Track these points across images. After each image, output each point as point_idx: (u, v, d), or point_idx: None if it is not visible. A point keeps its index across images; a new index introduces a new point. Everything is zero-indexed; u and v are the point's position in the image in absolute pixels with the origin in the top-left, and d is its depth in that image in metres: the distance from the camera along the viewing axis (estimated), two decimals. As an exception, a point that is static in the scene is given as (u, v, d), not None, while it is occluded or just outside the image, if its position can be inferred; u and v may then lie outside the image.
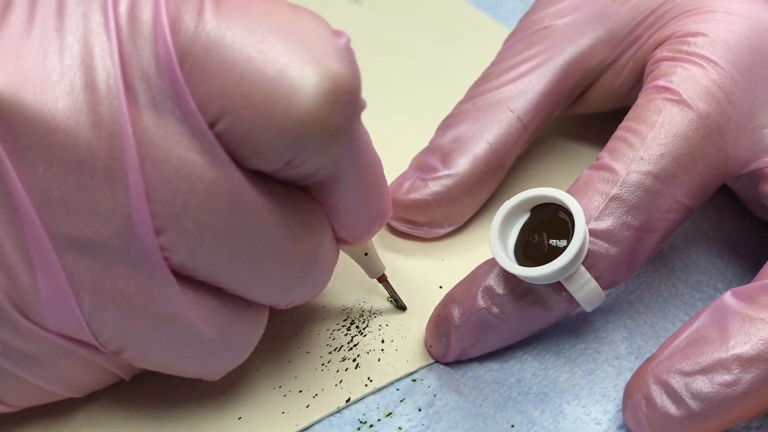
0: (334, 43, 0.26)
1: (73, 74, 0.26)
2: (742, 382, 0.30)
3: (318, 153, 0.26)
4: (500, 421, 0.34)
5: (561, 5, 0.43)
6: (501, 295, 0.34)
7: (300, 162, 0.27)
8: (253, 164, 0.27)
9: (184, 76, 0.26)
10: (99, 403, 0.33)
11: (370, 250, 0.36)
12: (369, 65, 0.52)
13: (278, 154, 0.26)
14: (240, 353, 0.31)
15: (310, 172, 0.28)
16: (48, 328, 0.28)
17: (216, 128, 0.26)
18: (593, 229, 0.33)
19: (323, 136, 0.26)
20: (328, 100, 0.26)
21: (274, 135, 0.26)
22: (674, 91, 0.35)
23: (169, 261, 0.27)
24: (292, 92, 0.25)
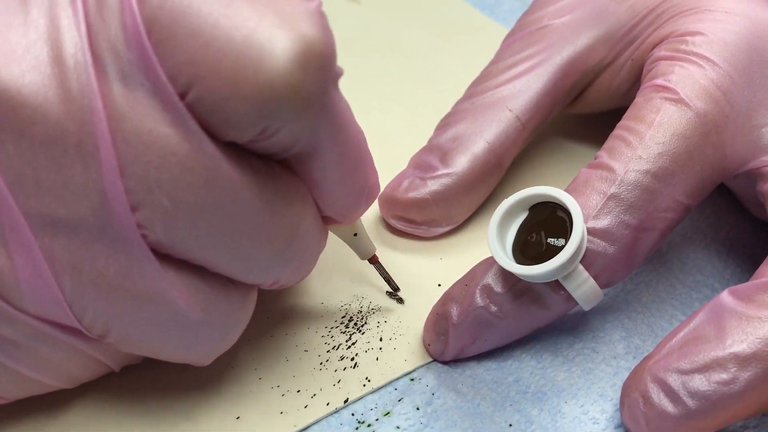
0: (304, 6, 0.26)
1: (39, 48, 0.25)
2: (739, 381, 0.30)
3: (292, 120, 0.26)
4: (498, 420, 0.34)
5: (559, 4, 0.43)
6: (499, 294, 0.34)
7: (274, 130, 0.26)
8: (227, 135, 0.26)
9: (153, 46, 0.25)
10: (93, 401, 0.33)
11: (360, 231, 0.35)
12: (367, 64, 0.52)
13: (250, 123, 0.25)
14: (226, 335, 0.31)
15: (286, 142, 0.27)
16: (29, 312, 0.28)
17: (187, 99, 0.25)
18: (591, 227, 0.33)
19: (295, 102, 0.25)
20: (299, 63, 0.25)
21: (244, 102, 0.25)
22: (672, 90, 0.35)
23: (146, 238, 0.27)
24: (260, 57, 0.24)
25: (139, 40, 0.25)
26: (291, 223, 0.29)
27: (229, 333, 0.31)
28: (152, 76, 0.25)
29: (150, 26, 0.25)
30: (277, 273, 0.30)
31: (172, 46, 0.25)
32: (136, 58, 0.25)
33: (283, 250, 0.29)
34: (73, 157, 0.25)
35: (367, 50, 0.53)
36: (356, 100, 0.48)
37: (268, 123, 0.26)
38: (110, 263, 0.27)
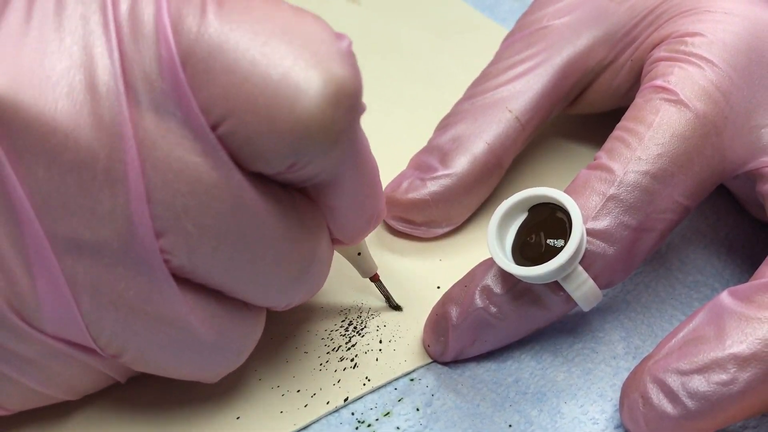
0: (336, 46, 0.26)
1: (72, 75, 0.25)
2: (738, 381, 0.30)
3: (320, 156, 0.26)
4: (498, 420, 0.34)
5: (559, 5, 0.43)
6: (499, 295, 0.34)
7: (302, 165, 0.27)
8: (256, 167, 0.27)
9: (187, 78, 0.25)
10: (95, 405, 0.33)
11: (363, 250, 0.36)
12: (367, 65, 0.51)
13: (281, 158, 0.26)
14: (238, 356, 0.31)
15: (311, 175, 0.28)
16: (46, 332, 0.28)
17: (218, 131, 0.26)
18: (591, 228, 0.33)
19: (326, 140, 0.26)
20: (332, 103, 0.26)
21: (277, 138, 0.26)
22: (671, 91, 0.35)
23: (169, 264, 0.27)
24: (296, 96, 0.25)
25: (173, 71, 0.25)
26: (309, 250, 0.30)
27: (241, 354, 0.31)
28: (185, 107, 0.26)
29: (185, 58, 0.25)
30: (292, 297, 0.31)
31: (207, 79, 0.25)
32: (170, 88, 0.26)
33: (300, 274, 0.30)
34: (102, 182, 0.26)
35: (366, 51, 0.53)
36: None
37: (299, 158, 0.26)
38: (131, 286, 0.27)
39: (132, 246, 0.26)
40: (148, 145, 0.26)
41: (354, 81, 0.26)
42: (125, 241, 0.26)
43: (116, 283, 0.27)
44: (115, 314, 0.28)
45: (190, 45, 0.25)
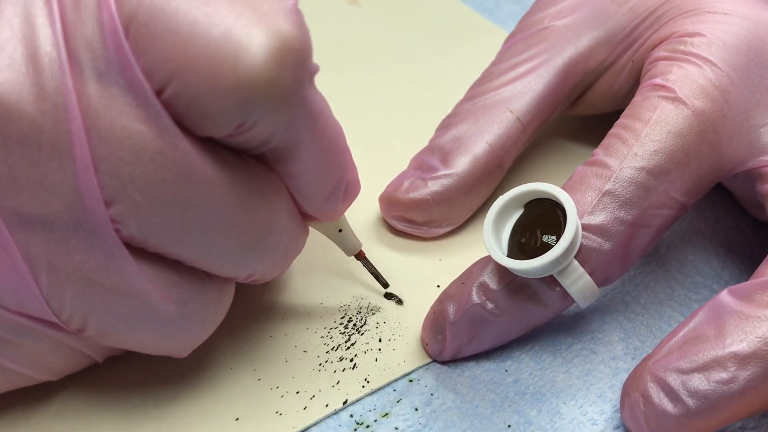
0: (281, 3, 0.26)
1: (13, 47, 0.25)
2: (738, 380, 0.30)
3: (268, 115, 0.26)
4: (497, 421, 0.34)
5: (560, 6, 0.43)
6: (495, 291, 0.34)
7: (250, 125, 0.26)
8: (204, 130, 0.26)
9: (129, 44, 0.25)
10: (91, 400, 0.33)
11: (344, 227, 0.36)
12: (367, 67, 0.52)
13: (227, 118, 0.26)
14: (202, 327, 0.31)
15: (262, 137, 0.27)
16: (7, 307, 0.28)
17: (163, 95, 0.26)
18: (586, 223, 0.33)
19: (272, 97, 0.26)
20: (276, 60, 0.25)
21: (221, 98, 0.25)
22: (670, 89, 0.35)
23: (120, 233, 0.27)
24: (238, 53, 0.25)
25: (116, 38, 0.25)
26: (265, 217, 0.29)
27: (205, 325, 0.31)
28: (128, 74, 0.25)
29: (127, 24, 0.25)
30: (251, 267, 0.30)
31: (149, 44, 0.25)
32: (113, 55, 0.25)
33: (256, 244, 0.29)
34: (48, 154, 0.26)
35: (367, 53, 0.53)
36: (357, 102, 0.49)
37: (245, 118, 0.26)
38: (86, 258, 0.27)
39: (82, 217, 0.26)
40: (93, 115, 0.25)
41: (299, 37, 0.26)
42: (75, 213, 0.26)
43: (71, 257, 0.27)
44: (73, 287, 0.27)
45: (132, 10, 0.25)
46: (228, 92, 0.25)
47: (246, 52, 0.25)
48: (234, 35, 0.25)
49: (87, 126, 0.25)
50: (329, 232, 0.36)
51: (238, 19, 0.25)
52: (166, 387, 0.34)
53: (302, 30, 0.26)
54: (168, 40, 0.25)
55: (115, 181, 0.26)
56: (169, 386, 0.34)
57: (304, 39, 0.26)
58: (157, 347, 0.31)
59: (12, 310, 0.28)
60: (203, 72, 0.25)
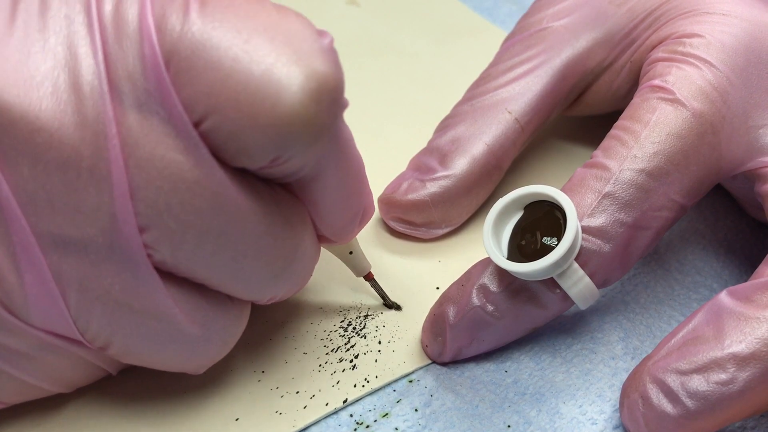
0: (319, 43, 0.27)
1: (56, 75, 0.26)
2: (738, 381, 0.30)
3: (303, 151, 0.27)
4: (497, 421, 0.34)
5: (558, 7, 0.43)
6: (495, 293, 0.34)
7: (285, 159, 0.27)
8: (238, 162, 0.27)
9: (170, 77, 0.26)
10: (90, 402, 0.33)
11: (355, 249, 0.36)
12: (366, 67, 0.52)
13: (264, 153, 0.26)
14: (222, 347, 0.31)
15: (293, 169, 0.28)
16: (35, 325, 0.28)
17: (201, 127, 0.26)
18: (586, 226, 0.33)
19: (308, 135, 0.26)
20: (314, 99, 0.26)
21: (259, 134, 0.26)
22: (669, 91, 0.35)
23: (152, 258, 0.27)
24: (278, 91, 0.25)
25: (157, 70, 0.26)
26: (292, 246, 0.30)
27: (225, 345, 0.32)
28: (168, 105, 0.26)
29: (168, 57, 0.26)
30: (274, 291, 0.31)
31: (190, 77, 0.26)
32: (153, 87, 0.26)
33: (283, 270, 0.30)
34: (86, 180, 0.26)
35: (366, 53, 0.53)
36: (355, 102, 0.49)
37: (281, 153, 0.27)
38: (116, 281, 0.28)
39: (116, 242, 0.27)
40: (131, 144, 0.26)
41: (335, 76, 0.27)
42: (110, 237, 0.27)
43: (102, 279, 0.27)
44: (102, 308, 0.28)
45: (173, 44, 0.26)
46: (266, 129, 0.26)
47: (285, 92, 0.25)
48: (274, 74, 0.26)
49: (126, 154, 0.26)
50: (340, 253, 0.36)
51: (279, 58, 0.26)
52: (168, 388, 0.34)
53: (337, 69, 0.27)
54: (209, 75, 0.25)
55: (150, 209, 0.26)
56: (171, 388, 0.34)
57: (339, 78, 0.27)
58: (177, 366, 0.31)
59: (39, 328, 0.28)
60: (243, 108, 0.25)
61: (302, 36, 0.26)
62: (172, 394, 0.34)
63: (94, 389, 0.34)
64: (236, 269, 0.29)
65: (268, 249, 0.29)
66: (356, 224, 0.33)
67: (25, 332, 0.28)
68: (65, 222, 0.26)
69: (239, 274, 0.29)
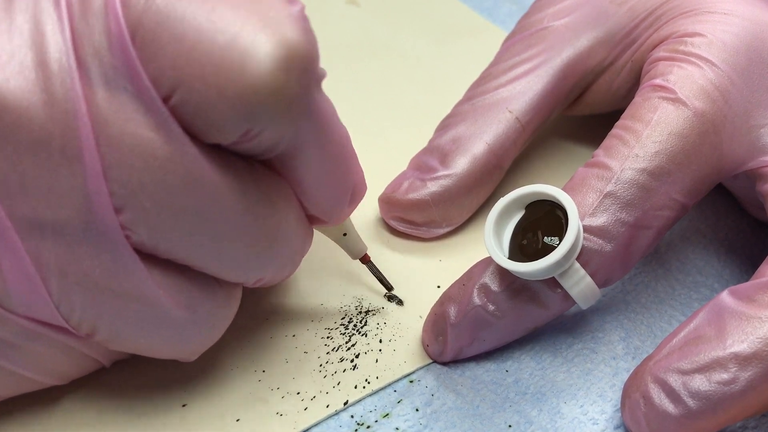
0: (287, 10, 0.26)
1: (23, 53, 0.25)
2: (739, 381, 0.30)
3: (274, 122, 0.26)
4: (498, 421, 0.34)
5: (559, 6, 0.43)
6: (496, 293, 0.34)
7: (256, 132, 0.26)
8: (210, 137, 0.26)
9: (136, 51, 0.25)
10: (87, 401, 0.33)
11: (349, 230, 0.36)
12: (366, 67, 0.52)
13: (233, 125, 0.26)
14: (211, 332, 0.31)
15: (269, 144, 0.27)
16: (18, 313, 0.28)
17: (170, 102, 0.26)
18: (587, 225, 0.33)
19: (278, 105, 0.25)
20: (282, 67, 0.25)
21: (227, 105, 0.25)
22: (670, 90, 0.35)
23: (130, 240, 0.27)
24: (243, 60, 0.25)
25: (122, 45, 0.25)
26: (274, 224, 0.29)
27: (214, 330, 0.31)
28: (135, 80, 0.25)
29: (134, 31, 0.25)
30: (260, 272, 0.30)
31: (155, 51, 0.25)
32: (120, 62, 0.25)
33: (265, 250, 0.29)
34: (58, 161, 0.26)
35: (366, 53, 0.53)
36: (356, 102, 0.49)
37: (252, 125, 0.26)
38: (96, 264, 0.27)
39: (93, 224, 0.26)
40: (101, 122, 0.25)
41: (306, 44, 0.26)
42: (85, 219, 0.26)
43: (81, 262, 0.27)
44: (84, 293, 0.28)
45: (138, 17, 0.25)
46: (234, 100, 0.25)
47: (252, 60, 0.25)
48: (239, 43, 0.25)
49: (96, 133, 0.25)
50: (334, 235, 0.36)
51: (244, 27, 0.25)
52: (168, 388, 0.34)
53: (309, 36, 0.26)
54: (174, 48, 0.25)
55: (124, 188, 0.26)
56: (171, 388, 0.34)
57: (311, 45, 0.26)
58: (167, 352, 0.31)
59: (22, 315, 0.28)
60: (209, 80, 0.25)
61: (269, 3, 0.26)
62: (172, 394, 0.34)
63: (92, 388, 0.34)
64: (216, 249, 0.28)
65: (248, 228, 0.28)
66: (346, 203, 0.32)
67: (9, 320, 0.28)
68: (40, 205, 0.26)
69: (220, 254, 0.28)
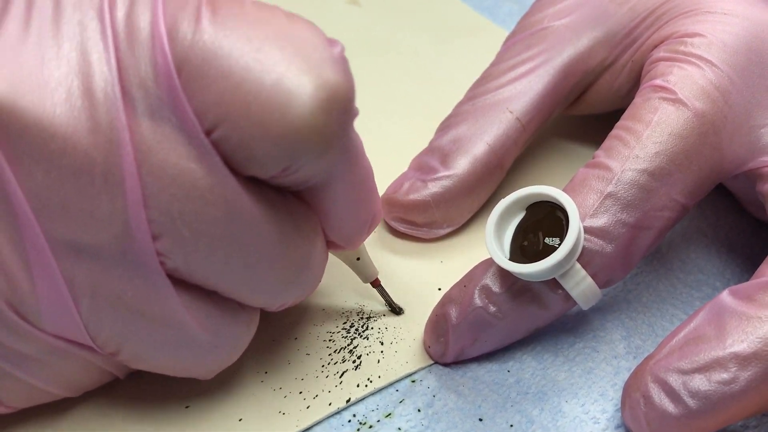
0: (329, 52, 0.27)
1: (70, 81, 0.26)
2: (739, 380, 0.30)
3: (313, 161, 0.27)
4: (499, 421, 0.34)
5: (560, 6, 0.43)
6: (498, 294, 0.34)
7: (296, 169, 0.27)
8: (249, 171, 0.27)
9: (182, 84, 0.26)
10: (95, 402, 0.34)
11: (363, 255, 0.36)
12: (367, 67, 0.52)
13: (275, 162, 0.26)
14: (231, 353, 0.32)
15: (304, 178, 0.28)
16: (45, 330, 0.28)
17: (213, 136, 0.26)
18: (588, 226, 0.33)
19: (319, 145, 0.26)
20: (324, 109, 0.26)
21: (270, 143, 0.26)
22: (670, 90, 0.35)
23: (164, 266, 0.28)
24: (289, 101, 0.25)
25: (168, 78, 0.26)
26: (303, 253, 0.30)
27: (234, 351, 0.32)
28: (180, 113, 0.26)
29: (180, 65, 0.26)
30: (285, 298, 0.31)
31: (201, 85, 0.26)
32: (165, 94, 0.26)
33: (294, 277, 0.30)
34: (100, 187, 0.26)
35: (367, 52, 0.53)
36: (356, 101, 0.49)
37: (292, 162, 0.27)
38: (128, 288, 0.28)
39: (129, 249, 0.27)
40: (144, 151, 0.26)
41: (346, 86, 0.26)
42: (123, 244, 0.27)
43: (114, 285, 0.27)
44: (113, 314, 0.28)
45: (184, 51, 0.26)
46: (277, 139, 0.26)
47: (296, 101, 0.25)
48: (285, 84, 0.25)
49: (138, 161, 0.26)
50: (348, 259, 0.36)
51: (289, 68, 0.26)
52: (171, 389, 0.34)
53: (348, 78, 0.27)
54: (220, 84, 0.25)
55: (164, 216, 0.26)
56: (174, 389, 0.34)
57: (350, 87, 0.27)
58: (186, 371, 0.31)
59: (50, 333, 0.28)
60: (254, 118, 0.25)
61: (313, 45, 0.26)
62: (176, 395, 0.34)
63: (98, 389, 0.34)
64: (249, 277, 0.29)
65: (280, 257, 0.29)
66: (365, 231, 0.33)
67: (37, 337, 0.28)
68: (78, 228, 0.26)
69: (251, 282, 0.29)
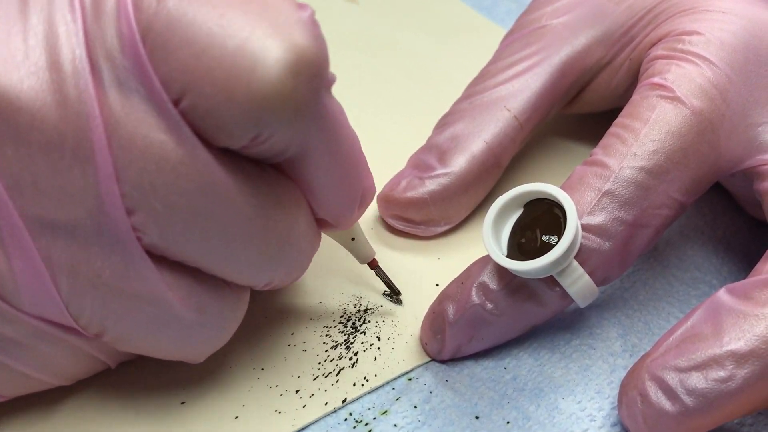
0: (297, 15, 0.26)
1: (37, 54, 0.25)
2: (736, 378, 0.30)
3: (284, 127, 0.26)
4: (496, 418, 0.34)
5: (557, 4, 0.43)
6: (495, 291, 0.34)
7: (266, 137, 0.26)
8: (220, 141, 0.26)
9: (147, 53, 0.25)
10: (89, 398, 0.33)
11: (357, 235, 0.36)
12: (365, 65, 0.52)
13: (243, 130, 0.26)
14: (219, 334, 0.31)
15: (279, 148, 0.27)
16: (27, 312, 0.28)
17: (180, 105, 0.26)
18: (586, 224, 0.33)
19: (287, 110, 0.26)
20: (291, 72, 0.25)
21: (236, 110, 0.25)
22: (668, 88, 0.35)
23: (141, 241, 0.27)
24: (253, 66, 0.25)
25: (134, 47, 0.25)
26: (284, 227, 0.29)
27: (223, 332, 0.31)
28: (146, 83, 0.25)
29: (145, 34, 0.25)
30: (269, 275, 0.30)
31: (166, 54, 0.25)
32: (131, 64, 0.25)
33: (276, 253, 0.29)
34: (71, 161, 0.26)
35: (365, 51, 0.53)
36: (355, 100, 0.49)
37: (261, 130, 0.26)
38: (107, 265, 0.27)
39: (104, 224, 0.26)
40: (114, 123, 0.26)
41: (315, 49, 0.26)
42: (97, 220, 0.26)
43: (92, 263, 0.27)
44: (94, 293, 0.28)
45: (149, 20, 0.25)
46: (243, 105, 0.25)
47: (261, 65, 0.25)
48: (249, 48, 0.25)
49: (108, 134, 0.26)
50: (342, 239, 0.36)
51: (254, 32, 0.25)
52: (166, 386, 0.34)
53: (318, 41, 0.26)
54: (183, 51, 0.25)
55: (136, 190, 0.26)
56: (169, 385, 0.34)
57: (321, 50, 0.26)
58: (175, 353, 0.31)
59: (31, 314, 0.28)
60: (218, 84, 0.25)
61: (279, 8, 0.26)
62: (172, 391, 0.34)
63: (94, 385, 0.34)
64: (228, 252, 0.28)
65: (259, 231, 0.28)
66: (356, 207, 0.32)
67: (18, 319, 0.28)
68: (52, 205, 0.26)
69: (231, 257, 0.28)
